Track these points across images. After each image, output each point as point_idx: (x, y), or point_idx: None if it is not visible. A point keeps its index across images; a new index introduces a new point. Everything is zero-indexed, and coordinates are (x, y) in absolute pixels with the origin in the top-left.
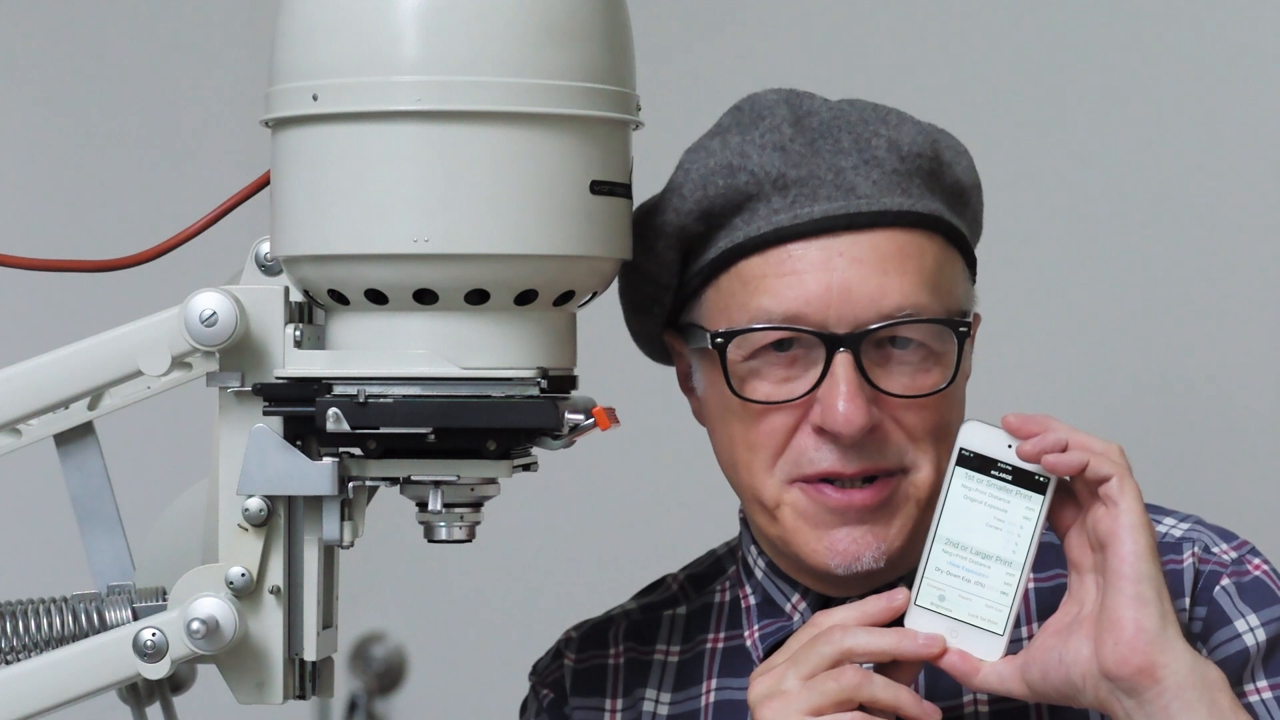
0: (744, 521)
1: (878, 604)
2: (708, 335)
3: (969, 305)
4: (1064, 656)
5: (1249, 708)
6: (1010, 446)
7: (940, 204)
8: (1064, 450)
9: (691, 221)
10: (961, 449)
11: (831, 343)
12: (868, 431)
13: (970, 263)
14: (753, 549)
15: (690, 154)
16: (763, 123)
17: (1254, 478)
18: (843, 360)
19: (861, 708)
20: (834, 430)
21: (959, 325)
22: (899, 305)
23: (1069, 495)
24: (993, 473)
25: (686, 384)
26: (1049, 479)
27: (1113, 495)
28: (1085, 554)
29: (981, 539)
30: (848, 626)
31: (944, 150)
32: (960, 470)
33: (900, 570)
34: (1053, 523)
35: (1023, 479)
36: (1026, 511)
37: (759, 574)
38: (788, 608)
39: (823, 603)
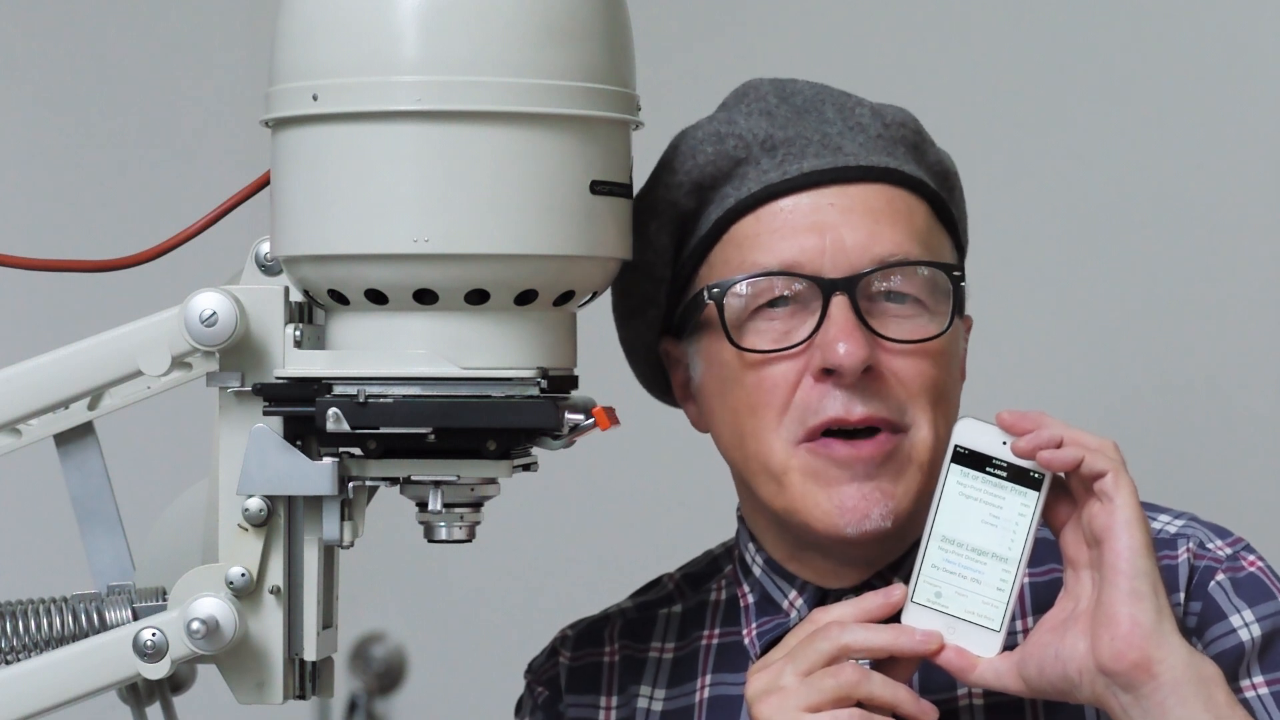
0: (741, 520)
1: (875, 600)
2: (704, 292)
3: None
4: (1060, 652)
5: (1244, 704)
6: (1005, 443)
7: (926, 176)
8: (1059, 446)
9: (683, 196)
10: (956, 446)
11: (828, 287)
12: (866, 374)
13: (959, 251)
14: (750, 546)
15: (679, 135)
16: (748, 97)
17: (1254, 478)
18: (839, 302)
19: (862, 706)
20: (835, 365)
21: (953, 270)
22: (891, 252)
23: (1064, 491)
24: (988, 469)
25: (685, 392)
26: (1044, 475)
27: (1108, 491)
28: (1081, 550)
29: (977, 535)
30: (845, 623)
31: (926, 132)
32: (955, 467)
33: (906, 543)
34: (1048, 519)
35: (1018, 475)
36: (1022, 508)
37: (757, 571)
38: (784, 605)
39: (820, 598)
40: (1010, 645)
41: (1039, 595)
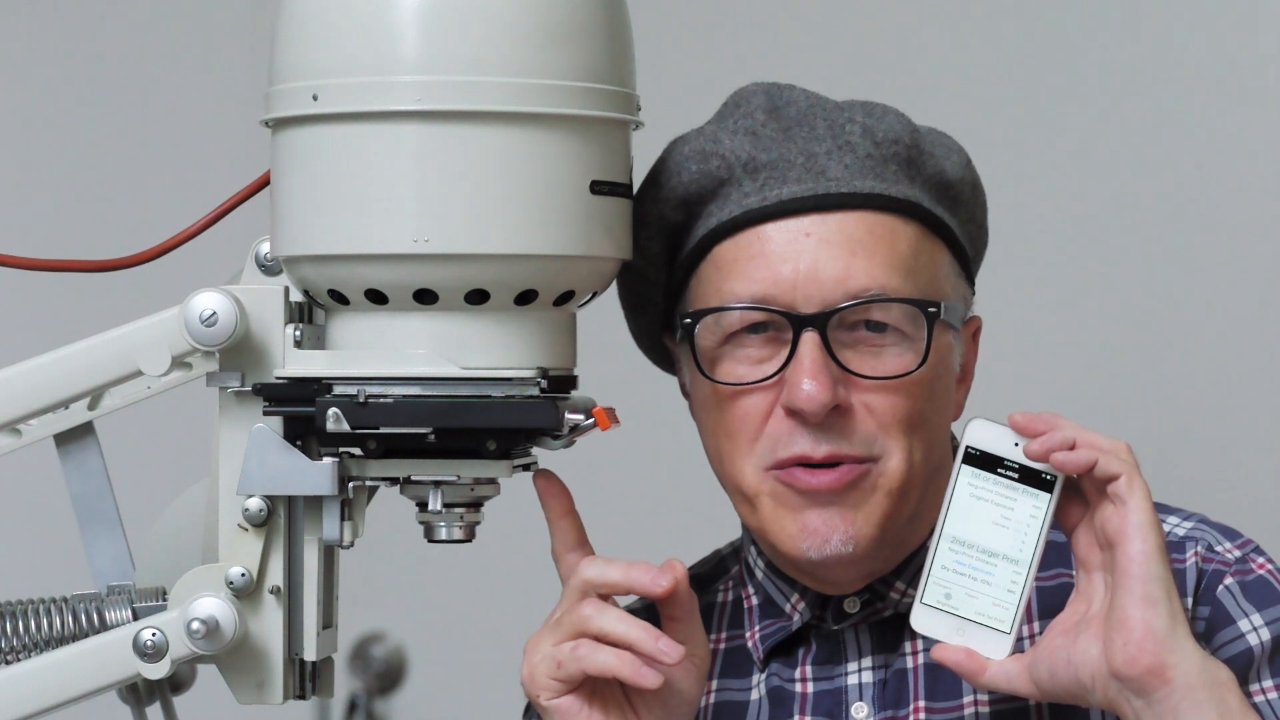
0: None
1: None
2: (677, 319)
3: (955, 298)
4: (1072, 656)
5: (1254, 708)
6: (1017, 445)
7: (920, 193)
8: (1071, 448)
9: (669, 209)
10: (968, 447)
11: (798, 323)
12: (834, 411)
13: (961, 259)
14: (753, 549)
15: (670, 145)
16: (738, 110)
17: (1254, 478)
18: (809, 339)
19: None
20: (798, 408)
21: (928, 306)
22: (865, 286)
23: (1076, 493)
24: (999, 471)
25: (685, 388)
26: (1056, 477)
27: (1121, 494)
28: (1093, 552)
29: (988, 537)
30: (592, 561)
31: (925, 142)
32: (966, 468)
33: (904, 552)
34: (1060, 521)
35: (1030, 477)
36: (1033, 510)
37: (759, 574)
38: (787, 608)
39: (822, 603)
40: (1016, 650)
41: (1045, 600)
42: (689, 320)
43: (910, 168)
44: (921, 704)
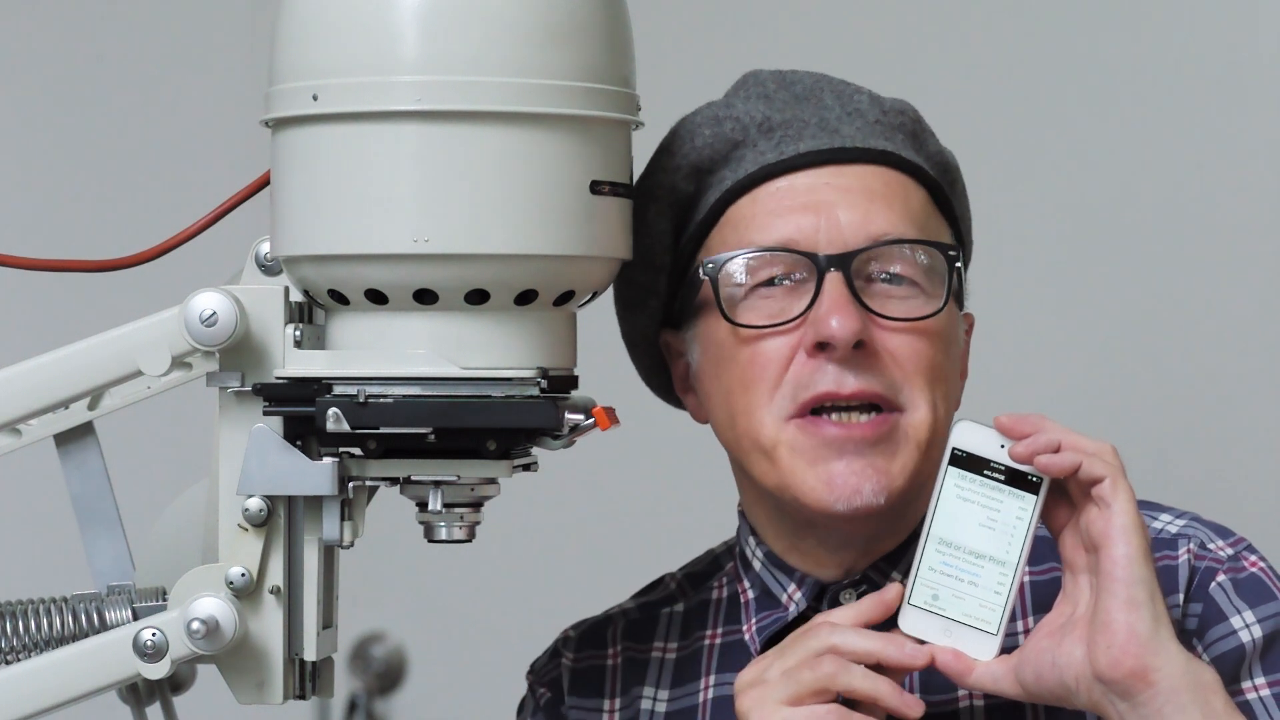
0: (742, 515)
1: (871, 603)
2: (700, 269)
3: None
4: (1057, 659)
5: (1245, 705)
6: (1003, 447)
7: (925, 164)
8: (1057, 451)
9: (681, 180)
10: (954, 449)
11: (823, 264)
12: (859, 350)
13: (960, 245)
14: (750, 540)
15: (679, 121)
16: (747, 84)
17: (1254, 478)
18: (833, 279)
19: (847, 702)
20: (827, 337)
21: (949, 249)
22: (886, 231)
23: (1063, 495)
24: (985, 473)
25: (684, 384)
26: (1042, 479)
27: (1105, 497)
28: (1079, 554)
29: (975, 539)
30: (837, 624)
31: (926, 124)
32: (953, 470)
33: (903, 533)
34: (1047, 522)
35: (1016, 479)
36: (1020, 511)
37: (757, 565)
38: (784, 599)
39: (819, 591)
40: (1010, 645)
41: (1039, 594)
42: (712, 265)
43: (914, 140)
44: (916, 695)
